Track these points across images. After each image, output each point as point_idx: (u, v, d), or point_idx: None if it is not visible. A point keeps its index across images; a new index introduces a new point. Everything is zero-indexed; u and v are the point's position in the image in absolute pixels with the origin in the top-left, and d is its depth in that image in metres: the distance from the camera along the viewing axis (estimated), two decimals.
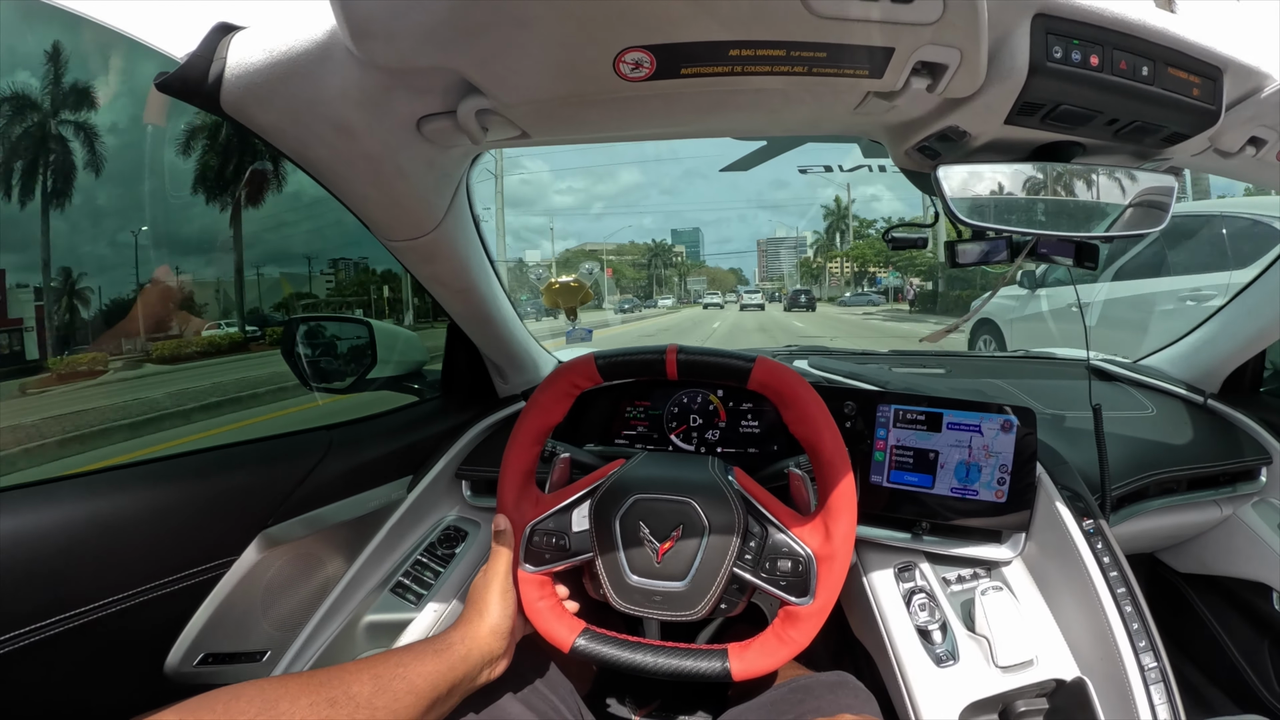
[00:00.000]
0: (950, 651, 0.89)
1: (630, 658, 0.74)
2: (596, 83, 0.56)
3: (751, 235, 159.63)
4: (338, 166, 0.69)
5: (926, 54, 0.54)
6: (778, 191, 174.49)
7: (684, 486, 0.76)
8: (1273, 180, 0.89)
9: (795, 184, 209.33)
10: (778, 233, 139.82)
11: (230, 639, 0.91)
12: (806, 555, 0.72)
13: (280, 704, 0.55)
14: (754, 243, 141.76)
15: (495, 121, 0.64)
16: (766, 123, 0.73)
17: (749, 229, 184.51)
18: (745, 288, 79.07)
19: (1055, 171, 0.74)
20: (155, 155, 6.28)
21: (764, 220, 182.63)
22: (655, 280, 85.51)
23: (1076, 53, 0.57)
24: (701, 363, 0.78)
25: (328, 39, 0.53)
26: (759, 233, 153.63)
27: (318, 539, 0.98)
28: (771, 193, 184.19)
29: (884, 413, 1.02)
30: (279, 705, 0.55)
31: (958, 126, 0.68)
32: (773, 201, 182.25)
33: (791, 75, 0.56)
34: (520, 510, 0.81)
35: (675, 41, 0.51)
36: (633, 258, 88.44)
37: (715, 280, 76.01)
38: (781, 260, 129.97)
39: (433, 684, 0.64)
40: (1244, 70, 0.63)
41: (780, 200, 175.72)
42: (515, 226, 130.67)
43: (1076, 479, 0.99)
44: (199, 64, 0.56)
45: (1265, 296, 1.23)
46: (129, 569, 0.78)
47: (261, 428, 1.27)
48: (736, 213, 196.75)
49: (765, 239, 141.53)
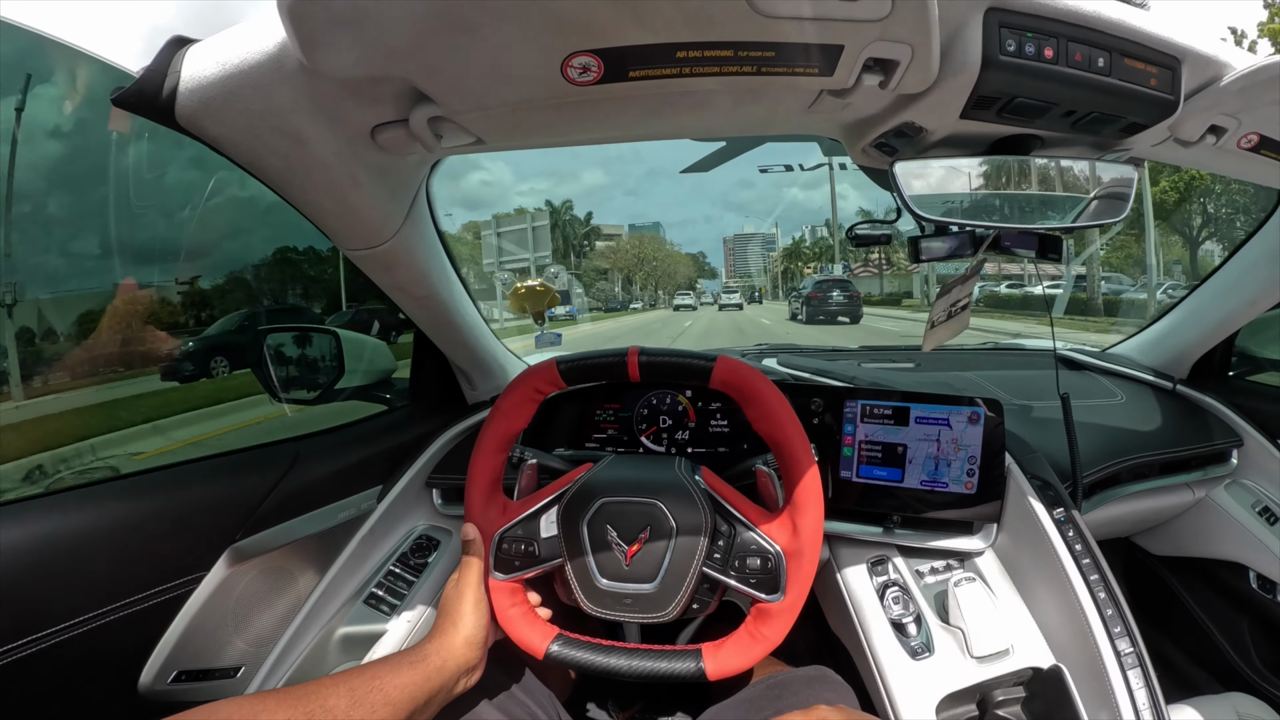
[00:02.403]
0: (925, 644, 0.89)
1: (605, 661, 0.74)
2: (545, 87, 0.56)
3: (717, 235, 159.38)
4: (292, 177, 0.68)
5: (877, 50, 0.54)
6: (743, 191, 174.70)
7: (650, 488, 0.75)
8: (1233, 169, 0.89)
9: (760, 184, 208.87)
10: (745, 228, 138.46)
11: (203, 655, 0.90)
12: (775, 552, 0.72)
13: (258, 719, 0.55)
14: (720, 241, 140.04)
15: (449, 129, 0.64)
16: (722, 123, 0.73)
17: (715, 230, 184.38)
18: (723, 287, 74.41)
19: (1015, 164, 0.75)
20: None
21: (729, 220, 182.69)
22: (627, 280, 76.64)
23: (1030, 45, 0.57)
24: (663, 364, 0.78)
25: (279, 51, 0.53)
26: (725, 232, 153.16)
27: (288, 552, 0.97)
28: (737, 192, 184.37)
29: (851, 408, 1.03)
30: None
31: (913, 122, 0.68)
32: (738, 201, 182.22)
33: (741, 75, 0.56)
34: (488, 518, 0.80)
35: (621, 45, 0.51)
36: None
37: (669, 274, 68.03)
38: (750, 258, 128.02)
39: (409, 696, 0.64)
40: (1202, 59, 0.63)
41: (746, 200, 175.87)
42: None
43: (1046, 468, 1.00)
44: (153, 78, 0.55)
45: (1230, 282, 1.25)
46: (99, 587, 0.78)
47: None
48: (702, 213, 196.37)
49: (732, 235, 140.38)
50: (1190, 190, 15.60)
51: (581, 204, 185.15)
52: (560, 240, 51.86)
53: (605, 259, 64.06)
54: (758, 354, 1.54)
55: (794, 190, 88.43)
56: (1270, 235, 1.13)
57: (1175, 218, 16.54)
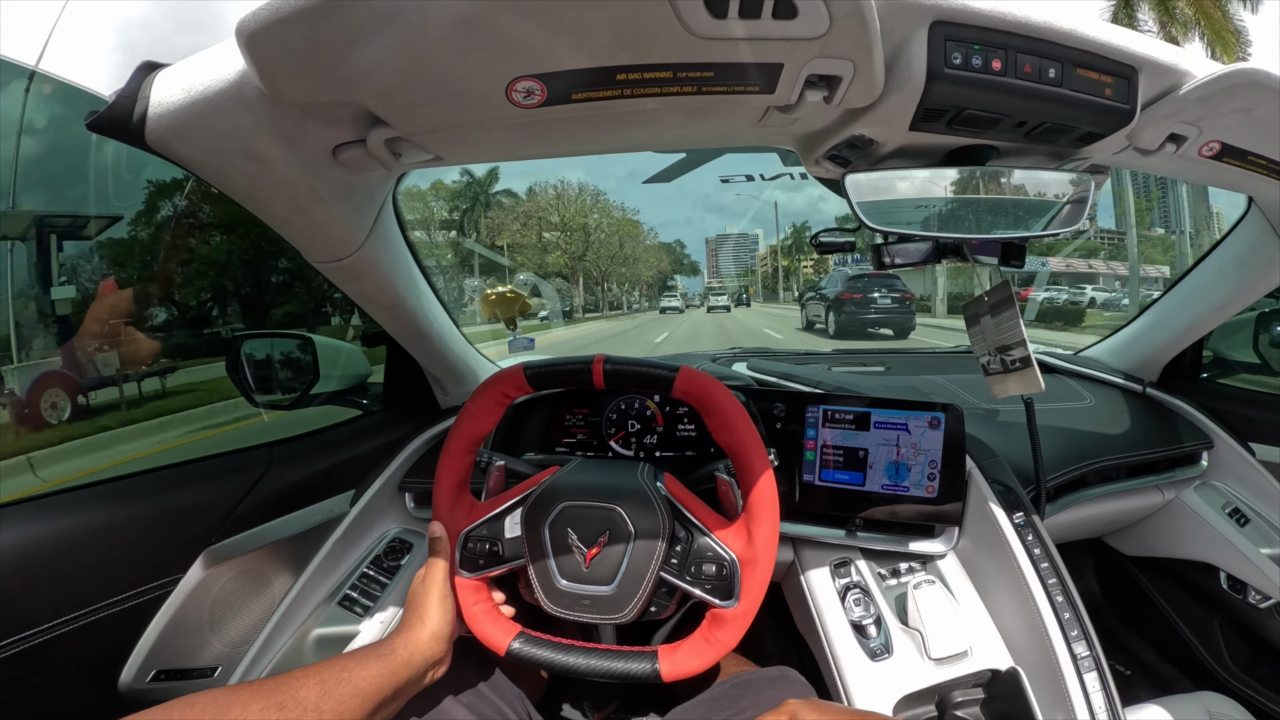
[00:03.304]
0: (884, 645, 0.91)
1: (563, 660, 0.76)
2: (492, 110, 0.58)
3: (699, 236, 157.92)
4: (258, 194, 0.70)
5: (817, 67, 0.54)
6: (724, 194, 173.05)
7: (611, 493, 0.77)
8: (1197, 176, 0.89)
9: (741, 185, 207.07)
10: (727, 229, 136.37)
11: (181, 655, 0.92)
12: (730, 559, 0.74)
13: (232, 709, 0.57)
14: (703, 242, 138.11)
15: (406, 147, 0.66)
16: (675, 138, 0.74)
17: (697, 231, 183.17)
18: (708, 288, 71.26)
19: (970, 174, 0.75)
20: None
21: (711, 222, 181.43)
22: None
23: (977, 58, 0.57)
24: (626, 372, 0.79)
25: (240, 78, 0.54)
26: (707, 233, 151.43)
27: (263, 554, 0.99)
28: (719, 195, 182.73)
29: (813, 413, 1.04)
30: (231, 710, 0.56)
31: (863, 135, 0.69)
32: (720, 204, 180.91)
33: (681, 95, 0.57)
34: (454, 517, 0.82)
35: (562, 69, 0.52)
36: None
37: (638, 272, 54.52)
38: (731, 259, 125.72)
39: (377, 687, 0.66)
40: (1160, 68, 0.63)
41: (727, 202, 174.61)
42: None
43: (1007, 472, 1.01)
44: (125, 103, 0.57)
45: (1199, 287, 1.25)
46: (79, 589, 0.79)
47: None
48: (684, 215, 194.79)
49: (714, 236, 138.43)
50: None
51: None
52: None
53: (510, 230, 39.52)
54: (730, 358, 1.55)
55: (776, 192, 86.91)
56: (1237, 240, 1.14)
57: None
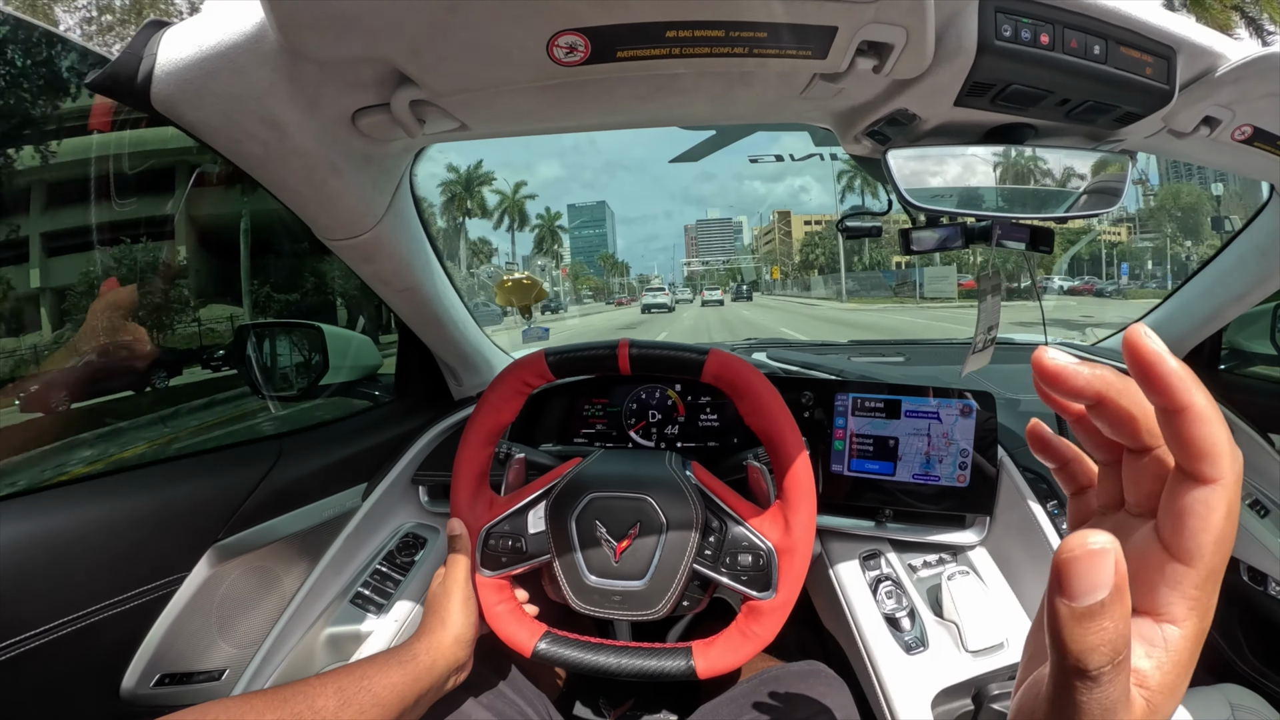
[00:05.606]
0: (919, 638, 0.89)
1: (594, 660, 0.73)
2: (531, 69, 0.55)
3: (678, 227, 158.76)
4: (270, 164, 0.67)
5: (871, 33, 0.53)
6: (704, 185, 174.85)
7: (640, 483, 0.74)
8: (1226, 162, 0.89)
9: (722, 176, 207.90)
10: (710, 214, 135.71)
11: (187, 658, 0.88)
12: (767, 548, 0.71)
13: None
14: (681, 233, 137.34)
15: (431, 113, 0.63)
16: (711, 110, 0.72)
17: (675, 223, 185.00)
18: (705, 284, 70.50)
19: (1008, 154, 0.74)
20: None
21: (690, 214, 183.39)
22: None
23: (1026, 31, 0.56)
24: (654, 356, 0.77)
25: (257, 32, 0.51)
26: (686, 224, 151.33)
27: (271, 551, 0.95)
28: (698, 186, 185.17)
29: (842, 401, 1.02)
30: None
31: (907, 109, 0.67)
32: (699, 195, 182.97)
33: (732, 57, 0.54)
34: (474, 513, 0.79)
35: (609, 23, 0.49)
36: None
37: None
38: (715, 242, 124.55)
39: (399, 696, 0.63)
40: (1197, 49, 0.62)
41: (706, 194, 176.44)
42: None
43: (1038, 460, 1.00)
44: (129, 61, 0.54)
45: (1219, 276, 1.24)
46: (78, 589, 0.75)
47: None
48: (662, 208, 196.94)
49: (695, 223, 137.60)
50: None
51: (537, 198, 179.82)
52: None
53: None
54: (747, 348, 1.54)
55: (755, 183, 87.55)
56: (1259, 230, 1.13)
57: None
